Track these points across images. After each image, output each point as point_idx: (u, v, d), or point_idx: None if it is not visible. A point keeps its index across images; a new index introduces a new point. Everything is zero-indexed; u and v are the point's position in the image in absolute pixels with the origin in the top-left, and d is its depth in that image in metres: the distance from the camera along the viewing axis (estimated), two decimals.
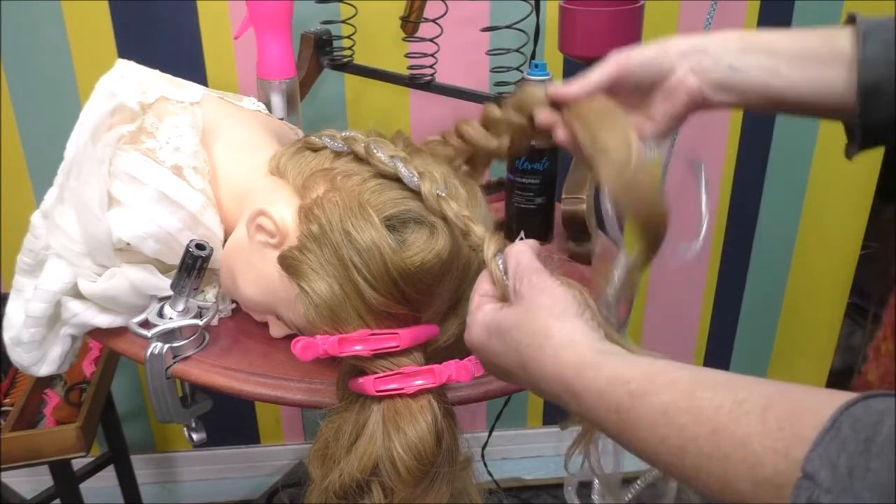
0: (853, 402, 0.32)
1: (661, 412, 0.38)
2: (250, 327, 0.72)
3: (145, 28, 1.20)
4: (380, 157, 0.62)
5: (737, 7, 1.29)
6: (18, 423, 1.03)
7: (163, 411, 0.67)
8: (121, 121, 0.68)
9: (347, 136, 0.66)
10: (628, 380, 0.41)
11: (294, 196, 0.64)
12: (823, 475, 0.31)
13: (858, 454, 0.30)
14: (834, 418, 0.32)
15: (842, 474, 0.30)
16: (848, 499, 0.30)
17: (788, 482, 0.32)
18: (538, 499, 1.62)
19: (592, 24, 0.85)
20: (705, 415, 0.36)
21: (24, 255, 0.73)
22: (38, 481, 1.23)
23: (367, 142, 0.64)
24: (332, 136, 0.67)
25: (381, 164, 0.61)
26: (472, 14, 1.21)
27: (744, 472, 0.34)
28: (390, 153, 0.62)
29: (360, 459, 0.58)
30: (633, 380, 0.40)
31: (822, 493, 0.30)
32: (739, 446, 0.34)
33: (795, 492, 0.31)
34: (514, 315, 0.49)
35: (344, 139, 0.66)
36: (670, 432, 0.37)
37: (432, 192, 0.59)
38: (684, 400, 0.38)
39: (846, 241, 1.49)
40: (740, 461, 0.34)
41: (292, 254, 0.60)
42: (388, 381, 0.58)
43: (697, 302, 1.55)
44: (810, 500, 0.31)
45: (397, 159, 0.61)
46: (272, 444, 1.60)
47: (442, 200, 0.59)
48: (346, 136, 0.66)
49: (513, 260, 0.52)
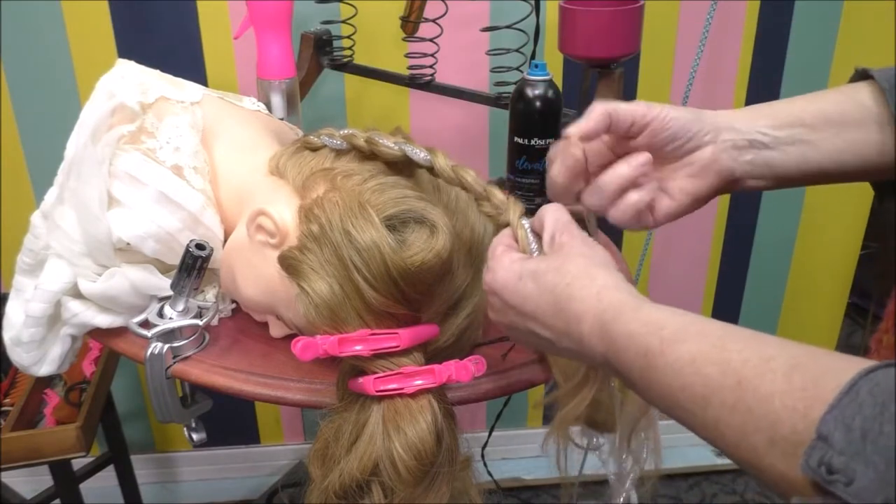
0: (874, 368, 0.32)
1: (689, 360, 0.39)
2: (250, 327, 0.72)
3: (145, 28, 1.20)
4: (385, 143, 0.62)
5: (737, 7, 1.29)
6: (18, 423, 1.03)
7: (163, 411, 0.67)
8: (121, 121, 0.68)
9: (347, 134, 0.66)
10: (663, 325, 0.42)
11: (294, 196, 0.64)
12: (837, 437, 0.31)
13: (874, 418, 0.30)
14: (853, 382, 0.32)
15: (855, 437, 0.30)
16: (859, 462, 0.30)
17: (803, 442, 0.32)
18: (538, 499, 1.62)
19: (592, 24, 0.85)
20: (732, 367, 0.37)
21: (24, 254, 0.73)
22: (38, 481, 1.23)
23: (368, 134, 0.64)
24: (331, 134, 0.67)
25: (387, 149, 0.62)
26: (472, 14, 1.21)
27: (763, 427, 0.34)
28: (394, 140, 0.63)
29: (360, 459, 0.57)
30: (667, 326, 0.41)
31: (835, 454, 0.31)
32: (762, 401, 0.34)
33: (809, 451, 0.31)
34: (553, 261, 0.50)
35: (343, 136, 0.66)
36: (696, 381, 0.38)
37: (447, 164, 0.61)
38: (714, 351, 0.38)
39: (846, 241, 1.49)
40: (762, 416, 0.34)
41: (292, 254, 0.60)
42: (388, 381, 0.58)
43: (698, 302, 1.55)
44: (822, 462, 0.31)
45: (402, 143, 0.62)
46: (272, 444, 1.60)
47: (458, 169, 0.60)
48: (345, 133, 0.66)
49: (551, 215, 0.54)
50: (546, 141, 0.83)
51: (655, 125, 0.55)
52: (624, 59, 0.88)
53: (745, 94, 1.37)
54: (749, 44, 1.32)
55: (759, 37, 1.32)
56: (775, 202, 1.44)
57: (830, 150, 0.54)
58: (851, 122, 0.54)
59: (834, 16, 1.31)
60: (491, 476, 1.49)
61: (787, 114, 0.56)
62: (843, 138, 0.54)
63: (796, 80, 1.35)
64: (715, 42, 1.28)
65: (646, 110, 0.55)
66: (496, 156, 1.35)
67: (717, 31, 1.26)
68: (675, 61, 1.32)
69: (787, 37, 1.32)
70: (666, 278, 1.49)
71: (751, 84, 1.36)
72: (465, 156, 1.33)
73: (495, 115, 1.31)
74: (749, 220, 1.47)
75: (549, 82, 0.83)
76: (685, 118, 0.56)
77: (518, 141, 0.84)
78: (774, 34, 1.32)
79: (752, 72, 1.34)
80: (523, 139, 0.83)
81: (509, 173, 0.89)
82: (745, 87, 1.36)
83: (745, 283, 1.53)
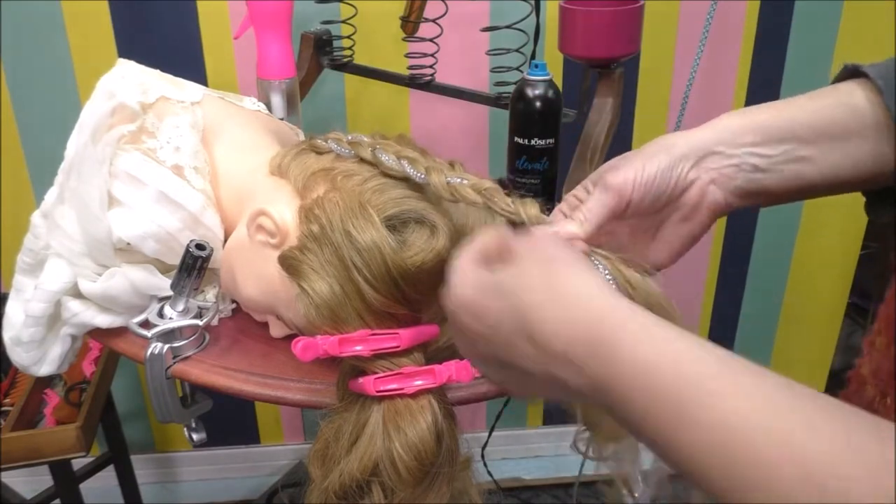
0: None
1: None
2: (250, 327, 0.72)
3: (145, 28, 1.20)
4: (387, 160, 0.62)
5: (737, 7, 1.29)
6: (18, 423, 1.03)
7: (163, 411, 0.67)
8: (121, 121, 0.68)
9: (353, 141, 0.65)
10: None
11: (294, 196, 0.64)
12: None
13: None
14: None
15: None
16: None
17: None
18: (538, 499, 1.62)
19: (592, 24, 0.85)
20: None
21: (24, 254, 0.73)
22: (38, 481, 1.23)
23: (373, 145, 0.64)
24: (339, 140, 0.67)
25: (388, 168, 0.61)
26: (472, 14, 1.21)
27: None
28: (396, 154, 0.62)
29: (360, 459, 0.57)
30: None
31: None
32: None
33: None
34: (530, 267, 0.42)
35: (350, 143, 0.65)
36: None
37: (442, 182, 0.59)
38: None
39: (846, 241, 1.49)
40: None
41: (293, 254, 0.60)
42: (389, 381, 0.58)
43: (698, 302, 1.55)
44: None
45: (404, 161, 0.61)
46: (272, 444, 1.60)
47: (455, 187, 0.58)
48: (352, 140, 0.66)
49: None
50: (546, 141, 0.83)
51: (635, 199, 0.51)
52: (624, 59, 0.88)
53: (745, 94, 1.37)
54: (749, 44, 1.32)
55: (759, 37, 1.32)
56: None
57: (828, 165, 0.49)
58: (849, 133, 0.48)
59: (834, 16, 1.31)
60: (491, 476, 1.49)
61: (777, 127, 0.50)
62: (841, 152, 0.49)
63: (796, 80, 1.35)
64: (715, 42, 1.28)
65: (614, 201, 0.50)
66: (496, 156, 1.35)
67: (717, 31, 1.26)
68: (675, 61, 1.32)
69: (787, 37, 1.32)
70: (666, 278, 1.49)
71: (751, 84, 1.36)
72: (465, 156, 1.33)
73: (495, 115, 1.31)
74: (749, 219, 1.47)
75: (549, 82, 0.83)
76: (655, 171, 0.50)
77: (518, 141, 0.84)
78: (774, 34, 1.32)
79: (752, 72, 1.34)
80: (523, 139, 0.83)
81: (509, 173, 0.89)
82: (745, 87, 1.36)
83: (745, 283, 1.53)
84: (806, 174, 0.50)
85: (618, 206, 0.51)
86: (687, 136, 0.51)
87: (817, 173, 0.50)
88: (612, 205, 0.50)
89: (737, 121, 0.51)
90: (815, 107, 0.50)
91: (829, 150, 0.49)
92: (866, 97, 0.48)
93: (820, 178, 0.50)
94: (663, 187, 0.51)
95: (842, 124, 0.49)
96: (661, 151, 0.51)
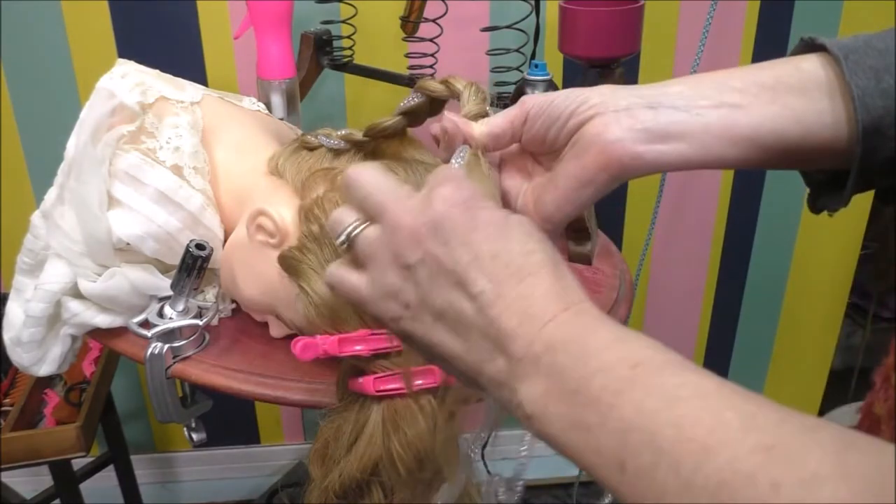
0: None
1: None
2: (250, 327, 0.72)
3: (145, 28, 1.20)
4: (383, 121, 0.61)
5: (737, 7, 1.29)
6: (18, 423, 1.03)
7: (163, 411, 0.67)
8: (121, 121, 0.68)
9: (345, 134, 0.65)
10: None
11: (294, 196, 0.64)
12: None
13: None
14: None
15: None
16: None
17: None
18: (538, 499, 1.62)
19: (592, 24, 0.85)
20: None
21: (24, 254, 0.73)
22: (38, 481, 1.24)
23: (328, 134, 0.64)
24: (328, 134, 0.67)
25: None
26: (472, 14, 1.21)
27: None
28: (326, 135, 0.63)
29: (360, 459, 0.58)
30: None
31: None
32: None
33: None
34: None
35: (341, 136, 0.66)
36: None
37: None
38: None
39: (846, 241, 1.49)
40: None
41: (292, 254, 0.60)
42: (388, 381, 0.58)
43: (697, 302, 1.55)
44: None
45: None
46: (272, 444, 1.60)
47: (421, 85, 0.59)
48: (343, 133, 0.66)
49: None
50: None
51: (532, 113, 0.49)
52: (624, 59, 0.88)
53: None
54: (749, 44, 1.32)
55: (759, 37, 1.32)
56: (776, 202, 1.44)
57: (765, 114, 0.44)
58: (790, 88, 0.44)
59: (834, 16, 1.31)
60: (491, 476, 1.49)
61: (709, 79, 0.46)
62: (780, 103, 0.44)
63: None
64: (715, 42, 1.28)
65: (518, 109, 0.50)
66: None
67: (717, 31, 1.26)
68: (675, 61, 1.32)
69: (787, 37, 1.32)
70: (666, 278, 1.49)
71: None
72: None
73: None
74: (749, 219, 1.47)
75: (549, 82, 0.83)
76: (565, 91, 0.47)
77: None
78: (774, 34, 1.32)
79: None
80: None
81: None
82: None
83: (745, 283, 1.53)
84: (740, 120, 0.44)
85: (516, 118, 0.50)
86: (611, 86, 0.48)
87: (753, 121, 0.44)
88: (512, 115, 0.50)
89: (667, 81, 0.47)
90: (755, 67, 0.46)
91: (768, 102, 0.44)
92: (819, 62, 0.44)
93: (758, 127, 0.44)
94: (561, 108, 0.47)
95: (784, 80, 0.44)
96: (572, 90, 0.48)
